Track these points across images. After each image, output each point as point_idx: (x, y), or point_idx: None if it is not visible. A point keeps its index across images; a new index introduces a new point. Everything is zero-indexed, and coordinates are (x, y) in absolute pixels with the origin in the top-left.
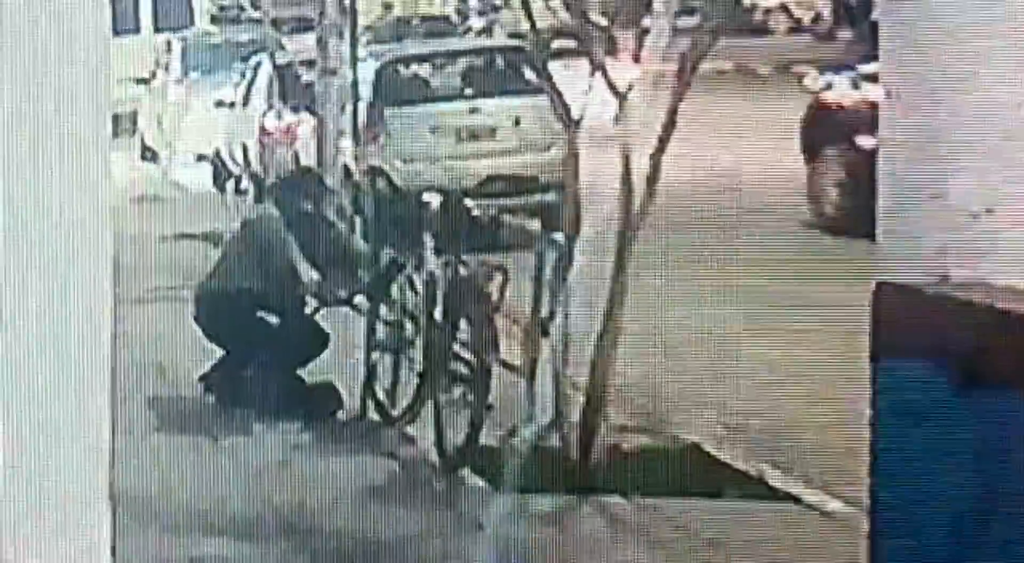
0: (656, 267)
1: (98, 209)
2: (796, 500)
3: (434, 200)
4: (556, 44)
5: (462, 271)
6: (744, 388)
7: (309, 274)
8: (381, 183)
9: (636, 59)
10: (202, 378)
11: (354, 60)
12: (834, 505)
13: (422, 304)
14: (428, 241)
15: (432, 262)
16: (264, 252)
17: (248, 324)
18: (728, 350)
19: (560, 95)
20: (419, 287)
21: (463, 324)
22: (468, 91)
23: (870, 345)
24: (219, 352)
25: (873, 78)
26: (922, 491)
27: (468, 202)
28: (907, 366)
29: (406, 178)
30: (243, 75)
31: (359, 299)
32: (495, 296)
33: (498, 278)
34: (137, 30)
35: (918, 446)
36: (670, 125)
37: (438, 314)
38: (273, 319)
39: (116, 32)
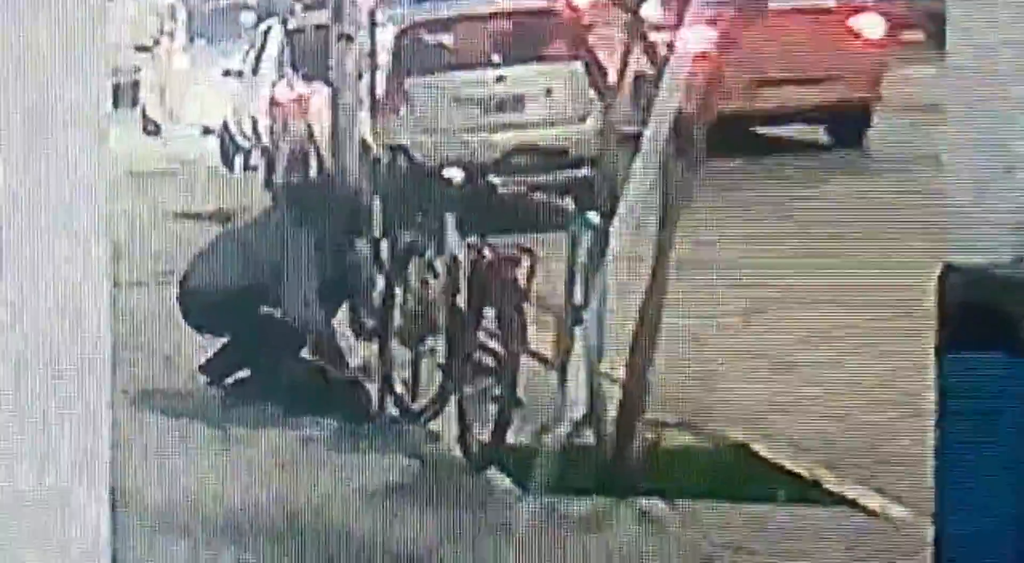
0: (702, 249)
1: (96, 186)
2: (854, 505)
3: (457, 176)
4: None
5: (487, 254)
6: (798, 382)
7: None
8: (401, 159)
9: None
10: (202, 368)
11: (372, 25)
12: (896, 511)
13: (443, 290)
14: (450, 221)
15: (455, 244)
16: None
17: (251, 319)
18: (781, 340)
19: (596, 61)
20: (440, 271)
21: (488, 311)
22: (495, 58)
23: (936, 335)
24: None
25: None
26: (993, 495)
27: (494, 178)
28: (977, 358)
29: (427, 152)
30: (252, 42)
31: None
32: (523, 282)
33: (526, 262)
34: None
35: (989, 446)
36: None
37: (461, 301)
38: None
39: None
